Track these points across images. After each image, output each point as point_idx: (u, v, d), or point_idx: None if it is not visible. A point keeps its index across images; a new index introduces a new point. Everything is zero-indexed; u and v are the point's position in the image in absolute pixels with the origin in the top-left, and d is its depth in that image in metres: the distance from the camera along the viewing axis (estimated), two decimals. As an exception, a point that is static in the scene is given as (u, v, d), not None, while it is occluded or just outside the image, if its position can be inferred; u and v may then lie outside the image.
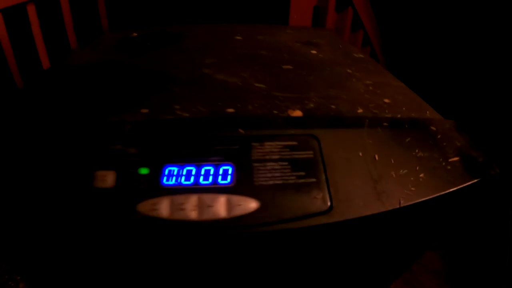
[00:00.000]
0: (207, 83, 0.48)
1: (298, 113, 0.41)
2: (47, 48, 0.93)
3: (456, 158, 0.39)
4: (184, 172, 0.34)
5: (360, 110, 0.44)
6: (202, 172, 0.34)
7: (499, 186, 0.42)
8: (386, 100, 0.48)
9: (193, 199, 0.33)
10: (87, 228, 0.32)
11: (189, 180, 0.34)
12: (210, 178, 0.34)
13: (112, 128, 0.37)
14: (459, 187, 0.36)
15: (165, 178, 0.33)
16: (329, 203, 0.34)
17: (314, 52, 0.64)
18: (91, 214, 0.32)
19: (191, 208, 0.32)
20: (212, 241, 0.33)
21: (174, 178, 0.33)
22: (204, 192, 0.33)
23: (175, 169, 0.34)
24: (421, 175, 0.37)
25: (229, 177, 0.34)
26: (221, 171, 0.34)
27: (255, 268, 0.39)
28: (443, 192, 0.36)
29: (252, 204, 0.33)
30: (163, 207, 0.32)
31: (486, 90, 1.21)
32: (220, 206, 0.33)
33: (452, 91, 1.28)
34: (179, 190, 0.33)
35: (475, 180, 0.37)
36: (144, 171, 0.34)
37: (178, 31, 0.73)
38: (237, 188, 0.34)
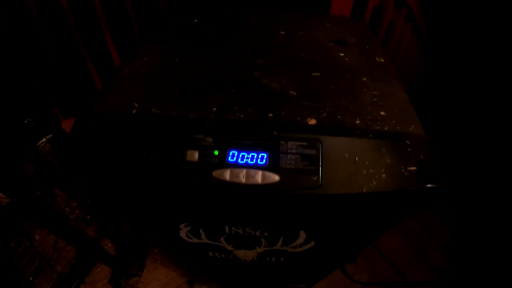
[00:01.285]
0: (256, 87, 0.69)
1: (313, 121, 0.62)
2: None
3: (413, 168, 0.59)
4: (240, 156, 0.59)
5: (358, 122, 0.64)
6: (250, 156, 0.59)
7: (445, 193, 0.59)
8: (382, 113, 0.66)
9: (243, 171, 0.59)
10: (182, 184, 0.59)
11: (242, 160, 0.59)
12: (254, 160, 0.59)
13: (196, 123, 0.62)
14: (406, 188, 0.58)
15: (229, 158, 0.59)
16: (320, 183, 0.58)
17: (342, 54, 0.79)
18: (185, 177, 0.59)
19: (242, 176, 0.59)
20: (252, 196, 0.60)
21: (234, 158, 0.59)
22: (250, 168, 0.59)
23: (235, 153, 0.59)
24: (383, 175, 0.59)
25: (264, 160, 0.59)
26: (260, 157, 0.59)
27: (272, 214, 0.67)
28: (393, 189, 0.58)
29: (276, 177, 0.59)
30: (227, 175, 0.59)
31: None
32: (258, 177, 0.59)
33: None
34: (236, 165, 0.59)
35: (419, 186, 0.58)
36: (216, 152, 0.60)
37: (232, 18, 0.89)
38: (269, 167, 0.59)
